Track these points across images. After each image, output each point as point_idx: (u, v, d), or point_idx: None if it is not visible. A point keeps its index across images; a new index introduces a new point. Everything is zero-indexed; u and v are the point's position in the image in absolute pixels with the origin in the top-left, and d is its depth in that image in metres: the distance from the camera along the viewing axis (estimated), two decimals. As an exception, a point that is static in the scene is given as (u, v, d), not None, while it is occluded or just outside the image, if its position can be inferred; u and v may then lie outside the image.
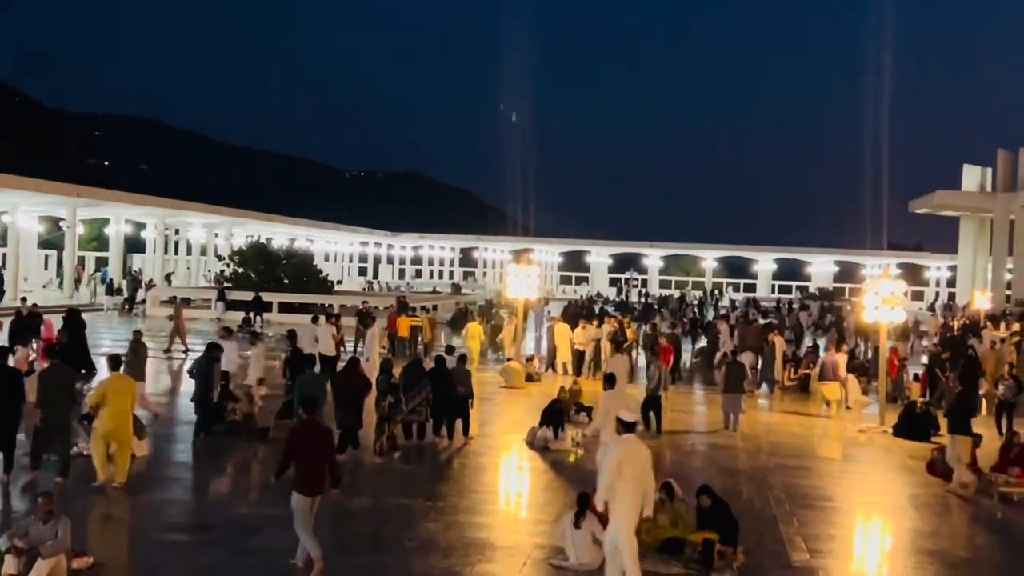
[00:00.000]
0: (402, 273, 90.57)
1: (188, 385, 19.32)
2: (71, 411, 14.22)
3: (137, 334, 21.65)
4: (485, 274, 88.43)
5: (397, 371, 18.44)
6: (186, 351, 29.86)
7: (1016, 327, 38.49)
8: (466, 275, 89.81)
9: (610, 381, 17.26)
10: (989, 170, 54.13)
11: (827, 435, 21.32)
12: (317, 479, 10.26)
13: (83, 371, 21.12)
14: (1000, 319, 42.79)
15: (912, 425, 21.05)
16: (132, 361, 19.54)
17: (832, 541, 12.96)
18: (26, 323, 25.65)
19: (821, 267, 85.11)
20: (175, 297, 44.01)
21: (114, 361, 15.55)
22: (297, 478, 10.25)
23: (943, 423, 18.77)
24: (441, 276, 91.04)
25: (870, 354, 30.97)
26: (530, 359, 29.11)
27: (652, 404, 20.01)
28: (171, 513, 13.00)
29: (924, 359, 29.99)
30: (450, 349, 22.91)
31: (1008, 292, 51.59)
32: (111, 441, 13.39)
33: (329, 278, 57.35)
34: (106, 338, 32.50)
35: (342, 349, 25.49)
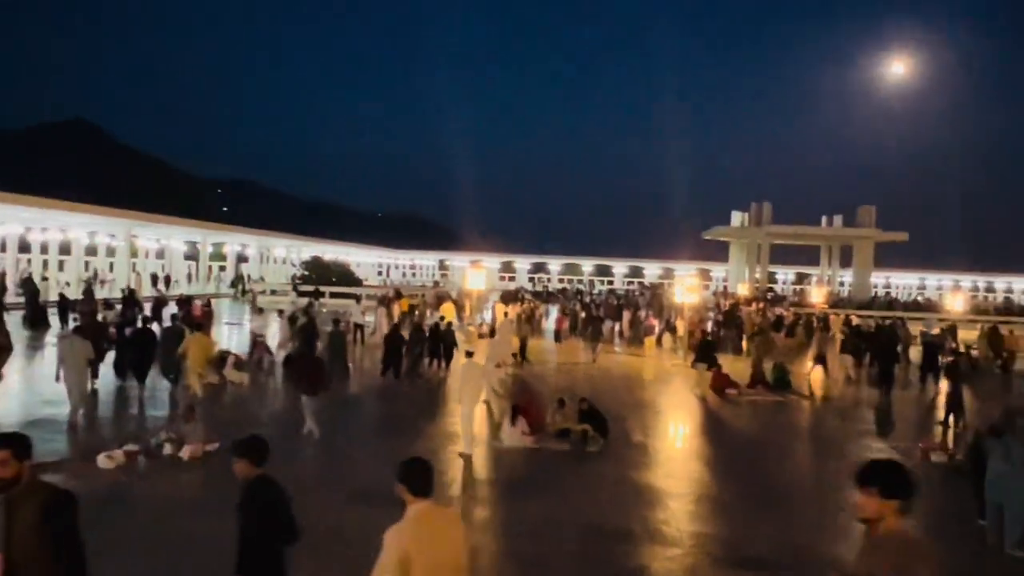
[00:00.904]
0: (403, 274, 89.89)
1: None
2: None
3: (207, 306, 21.37)
4: (454, 274, 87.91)
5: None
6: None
7: (761, 305, 39.40)
8: (443, 275, 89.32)
9: (491, 333, 17.47)
10: (746, 213, 54.93)
11: (652, 367, 21.50)
12: (313, 386, 11.08)
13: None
14: (752, 300, 43.74)
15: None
16: (205, 325, 19.15)
17: (656, 428, 13.20)
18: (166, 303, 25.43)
19: (652, 270, 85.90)
20: (253, 290, 42.98)
21: (195, 326, 15.57)
22: (304, 385, 11.14)
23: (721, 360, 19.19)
24: (428, 275, 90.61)
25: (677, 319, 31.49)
26: (480, 324, 29.08)
27: (522, 347, 20.70)
28: (259, 416, 12.85)
29: (710, 323, 30.42)
30: (441, 319, 23.07)
31: (757, 285, 52.70)
32: (198, 371, 13.03)
33: (359, 277, 56.84)
34: (225, 312, 31.93)
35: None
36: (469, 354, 12.00)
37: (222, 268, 60.75)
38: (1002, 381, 21.69)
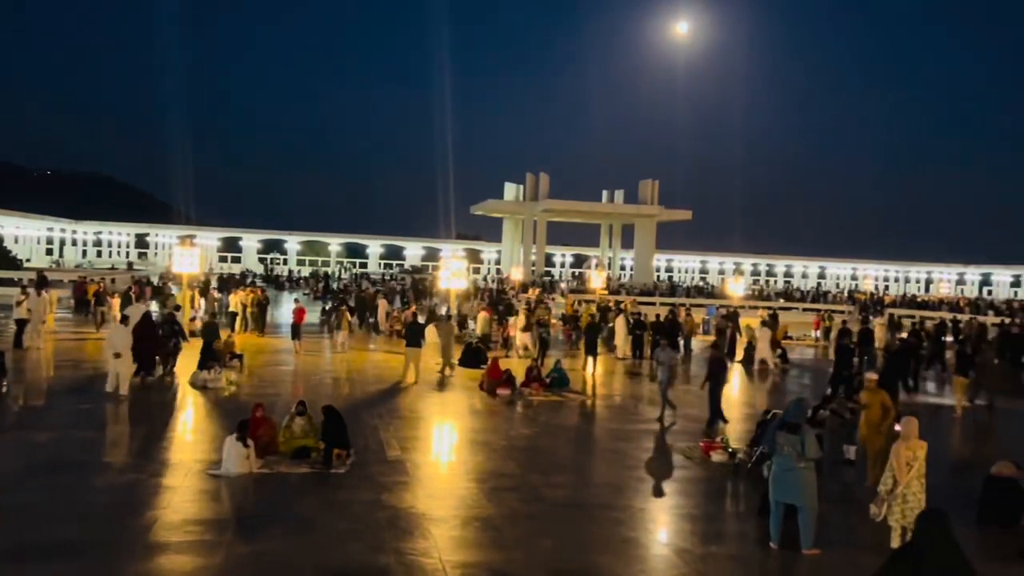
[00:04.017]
0: (84, 253, 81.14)
1: None
2: None
3: None
4: (156, 254, 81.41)
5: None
6: None
7: (537, 291, 41.58)
8: (140, 255, 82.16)
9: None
10: (522, 186, 57.35)
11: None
12: None
13: None
14: (529, 286, 45.97)
15: (471, 357, 22.09)
16: None
17: (416, 440, 13.29)
18: None
19: (413, 250, 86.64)
20: None
21: None
22: None
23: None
24: (120, 255, 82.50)
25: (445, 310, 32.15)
26: (193, 320, 27.36)
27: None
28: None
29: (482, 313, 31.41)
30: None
31: (533, 268, 55.42)
32: None
33: (18, 257, 50.72)
34: None
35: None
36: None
37: None
38: (782, 373, 24.87)
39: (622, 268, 67.10)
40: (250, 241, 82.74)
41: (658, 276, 69.16)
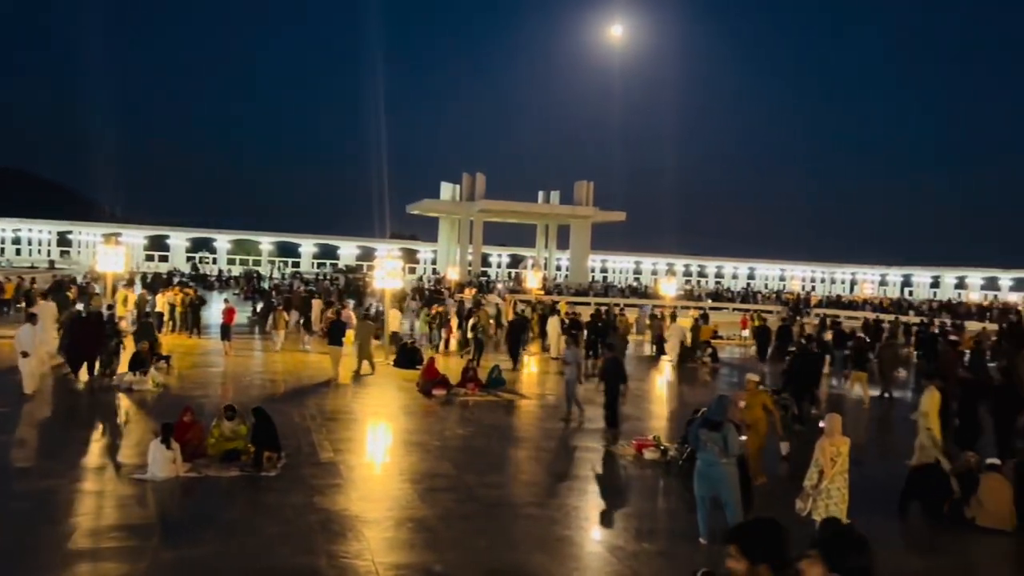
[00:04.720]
0: (2, 251, 77.58)
1: None
2: None
3: None
4: (80, 252, 78.51)
5: None
6: None
7: (475, 291, 41.64)
8: (63, 253, 79.08)
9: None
10: (458, 186, 57.24)
11: (348, 367, 20.98)
12: None
13: None
14: (465, 286, 45.95)
15: (406, 357, 21.97)
16: None
17: (350, 442, 13.16)
18: None
19: (348, 250, 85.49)
20: None
21: None
22: None
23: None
24: (40, 254, 79.07)
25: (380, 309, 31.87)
26: (122, 318, 26.52)
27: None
28: None
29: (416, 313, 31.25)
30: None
31: (469, 268, 55.35)
32: None
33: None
34: None
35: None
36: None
37: None
38: (712, 371, 25.39)
39: (558, 268, 67.46)
40: (178, 240, 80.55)
41: (593, 277, 69.75)
